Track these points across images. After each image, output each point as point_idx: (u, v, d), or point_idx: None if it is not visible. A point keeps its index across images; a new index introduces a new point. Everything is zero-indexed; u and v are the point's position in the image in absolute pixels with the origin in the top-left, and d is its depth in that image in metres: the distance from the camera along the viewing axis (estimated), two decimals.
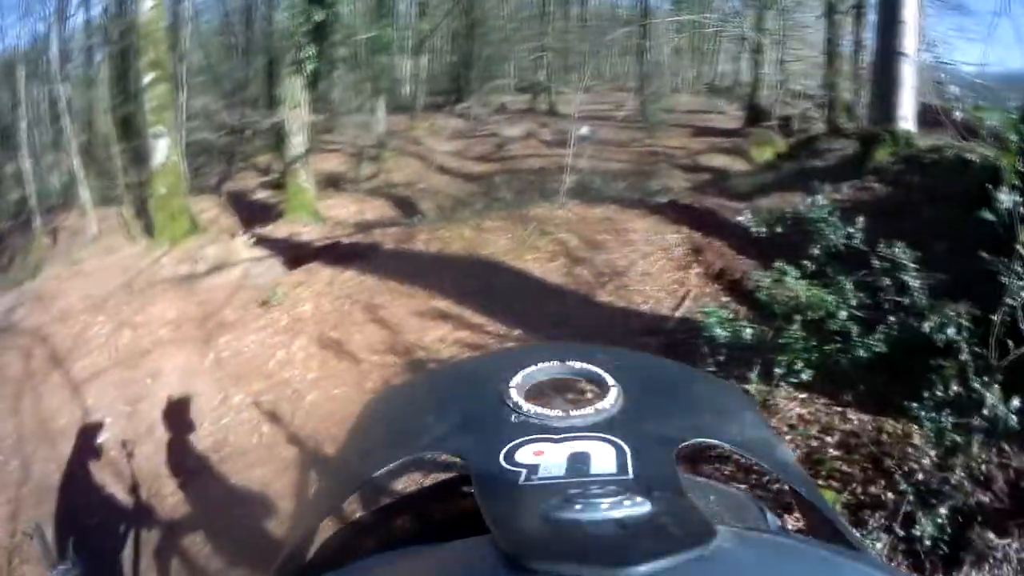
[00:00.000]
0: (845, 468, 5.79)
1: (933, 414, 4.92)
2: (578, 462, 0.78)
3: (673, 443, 0.85)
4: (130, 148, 19.15)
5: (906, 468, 5.47)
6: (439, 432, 0.92)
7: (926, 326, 5.36)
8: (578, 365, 1.02)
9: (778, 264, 6.35)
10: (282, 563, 0.95)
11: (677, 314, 10.73)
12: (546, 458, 0.79)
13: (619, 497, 0.67)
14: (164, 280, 12.29)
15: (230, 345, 10.11)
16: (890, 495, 5.24)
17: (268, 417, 8.92)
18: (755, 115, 27.28)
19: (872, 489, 5.42)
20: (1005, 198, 4.88)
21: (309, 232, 15.39)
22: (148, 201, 14.63)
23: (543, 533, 0.64)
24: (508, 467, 0.78)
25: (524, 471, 0.77)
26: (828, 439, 6.16)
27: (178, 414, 8.93)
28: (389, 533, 1.02)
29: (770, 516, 1.09)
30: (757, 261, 10.60)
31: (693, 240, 13.22)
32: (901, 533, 4.90)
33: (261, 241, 13.92)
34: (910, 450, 5.69)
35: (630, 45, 39.80)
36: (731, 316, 6.63)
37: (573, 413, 0.88)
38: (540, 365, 1.01)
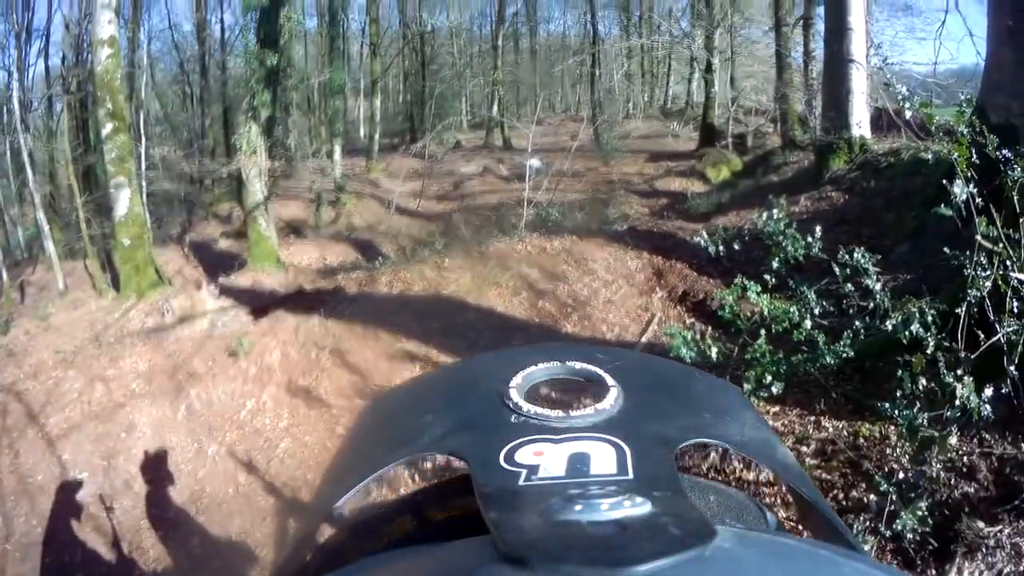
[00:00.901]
0: (825, 476, 5.87)
1: (906, 411, 4.96)
2: (578, 462, 0.78)
3: (673, 443, 0.85)
4: (93, 200, 18.98)
5: (886, 469, 5.56)
6: (439, 432, 0.92)
7: (889, 324, 5.43)
8: (578, 365, 1.02)
9: (738, 281, 6.35)
10: (282, 563, 0.96)
11: (643, 339, 10.81)
12: (546, 458, 0.79)
13: (619, 497, 0.67)
14: (132, 333, 12.23)
15: (201, 396, 10.10)
16: (872, 497, 5.32)
17: (243, 467, 8.93)
18: (709, 135, 27.42)
19: (854, 493, 5.51)
20: (960, 191, 4.94)
21: (272, 280, 15.37)
22: (113, 253, 14.55)
23: (543, 533, 0.64)
24: (508, 467, 0.78)
25: (524, 471, 0.77)
26: (804, 448, 6.24)
27: (154, 467, 8.94)
28: (389, 533, 0.98)
29: (770, 516, 1.08)
30: (719, 280, 10.98)
31: (654, 264, 13.43)
32: (887, 533, 4.97)
33: (226, 291, 13.87)
34: (888, 451, 5.82)
35: (581, 74, 40.15)
36: (697, 336, 6.67)
37: (573, 413, 0.88)
38: (540, 365, 1.02)
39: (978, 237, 4.99)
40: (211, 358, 10.91)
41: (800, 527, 1.20)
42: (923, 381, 4.95)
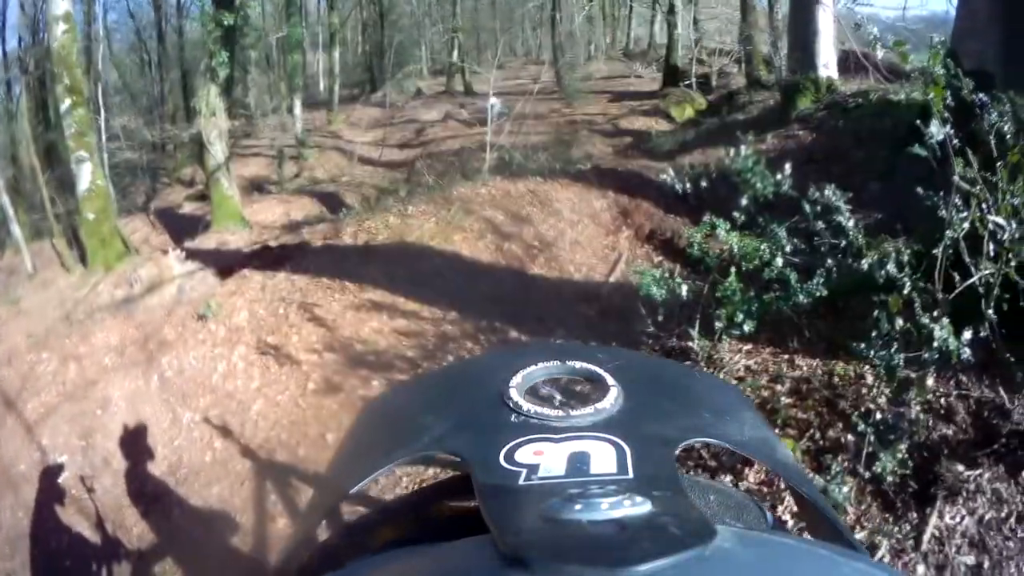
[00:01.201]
0: (800, 415, 5.86)
1: (883, 352, 4.95)
2: (578, 462, 0.78)
3: (673, 443, 0.86)
4: (56, 177, 18.88)
5: (863, 408, 5.53)
6: (439, 432, 0.91)
7: (865, 264, 5.37)
8: (578, 365, 1.01)
9: (707, 218, 6.37)
10: (282, 563, 0.98)
11: (611, 279, 10.92)
12: (546, 458, 0.79)
13: (619, 497, 0.67)
14: (102, 307, 12.10)
15: (172, 364, 10.05)
16: (850, 437, 5.32)
17: (218, 432, 8.91)
18: (672, 76, 27.32)
19: (831, 433, 5.50)
20: (936, 132, 4.84)
21: (237, 239, 15.35)
22: (79, 229, 14.43)
23: (543, 533, 0.64)
24: (508, 467, 0.79)
25: (524, 471, 0.77)
26: (779, 387, 6.19)
27: (132, 442, 8.89)
28: (389, 533, 0.99)
29: (769, 516, 1.07)
30: (687, 218, 10.96)
31: (620, 204, 13.56)
32: (866, 475, 4.98)
33: (192, 255, 13.70)
34: (864, 391, 5.80)
35: (542, 18, 39.76)
36: (666, 275, 6.55)
37: (573, 413, 0.88)
38: (540, 365, 1.01)
39: (956, 178, 4.96)
40: (180, 324, 10.84)
41: (800, 527, 1.20)
42: (900, 322, 4.94)
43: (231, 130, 17.18)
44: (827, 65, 16.88)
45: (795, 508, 3.43)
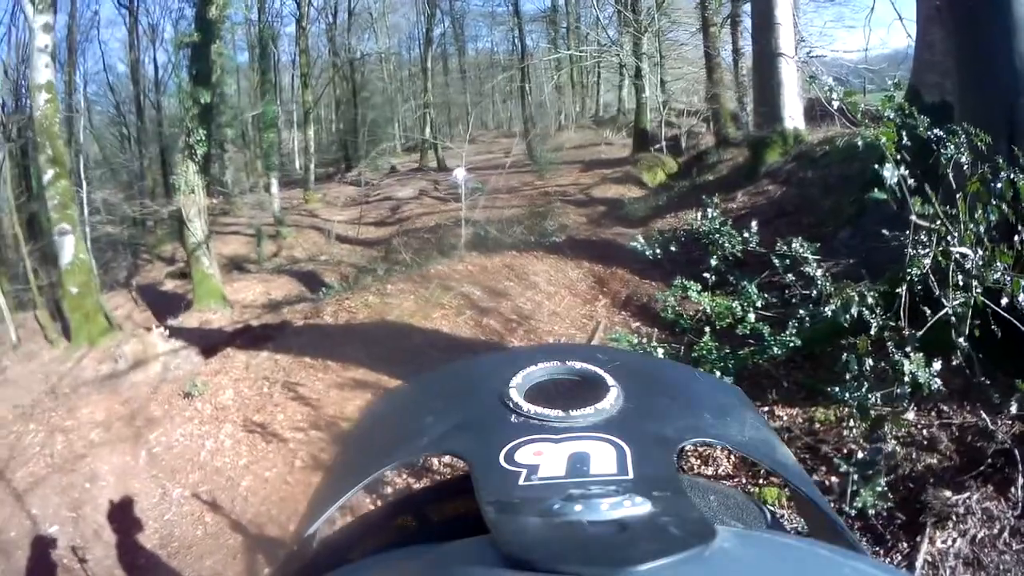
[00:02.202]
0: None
1: (856, 393, 5.01)
2: (578, 462, 0.77)
3: (673, 443, 0.85)
4: (38, 248, 18.67)
5: (844, 450, 5.66)
6: (439, 432, 0.91)
7: (828, 310, 5.49)
8: (578, 365, 1.00)
9: (678, 281, 6.50)
10: (282, 564, 0.96)
11: None
12: (546, 458, 0.79)
13: (619, 497, 0.68)
14: (87, 382, 12.08)
15: (160, 440, 10.06)
16: (834, 479, 5.42)
17: (208, 508, 8.90)
18: (642, 140, 27.69)
19: (815, 477, 5.57)
20: (890, 174, 5.01)
21: (219, 318, 15.34)
22: (62, 302, 14.39)
23: (543, 533, 0.64)
24: (508, 467, 0.78)
25: (524, 471, 0.77)
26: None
27: (122, 515, 8.87)
28: (389, 533, 0.98)
29: (769, 515, 1.04)
30: (661, 282, 10.89)
31: (595, 272, 13.77)
32: (853, 512, 5.03)
33: (175, 333, 13.73)
34: (845, 432, 5.87)
35: (512, 89, 40.04)
36: (642, 339, 6.79)
37: (573, 413, 0.87)
38: (540, 365, 1.00)
39: (913, 217, 5.11)
40: (167, 401, 10.84)
41: (800, 526, 1.23)
42: (870, 361, 5.03)
43: (209, 208, 17.23)
44: (793, 116, 17.18)
45: (795, 508, 3.53)
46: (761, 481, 6.08)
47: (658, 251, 6.72)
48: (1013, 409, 5.21)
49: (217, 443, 9.88)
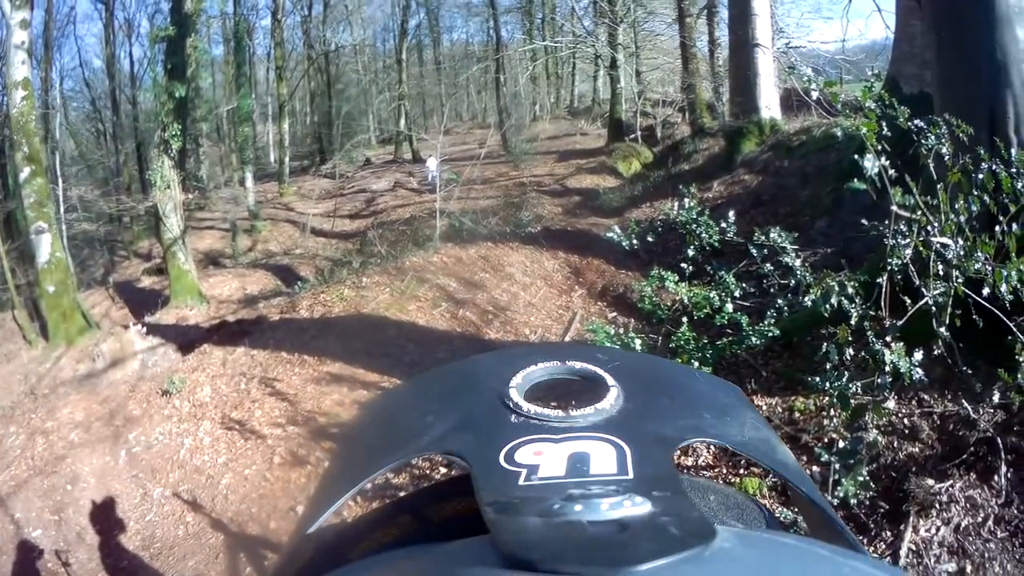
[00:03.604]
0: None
1: (836, 382, 5.01)
2: (578, 462, 0.78)
3: (673, 443, 0.86)
4: (15, 247, 18.26)
5: (825, 440, 5.68)
6: (439, 432, 0.91)
7: (808, 300, 5.48)
8: (578, 365, 1.01)
9: (655, 272, 6.43)
10: (282, 564, 0.96)
11: (566, 338, 10.85)
12: (546, 458, 0.79)
13: (619, 497, 0.68)
14: (66, 382, 12.05)
15: (139, 440, 10.01)
16: (815, 468, 5.40)
17: (189, 507, 8.86)
18: (618, 130, 27.65)
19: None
20: (871, 165, 4.99)
21: (196, 314, 15.36)
22: (39, 301, 14.29)
23: (543, 533, 0.64)
24: (508, 467, 0.78)
25: (524, 471, 0.77)
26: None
27: (104, 517, 8.82)
28: (389, 533, 1.00)
29: (769, 515, 1.08)
30: (638, 272, 10.96)
31: (571, 263, 13.79)
32: (835, 502, 5.00)
33: (153, 330, 13.70)
34: (825, 422, 5.93)
35: (486, 80, 39.98)
36: (619, 330, 6.62)
37: (573, 413, 0.87)
38: (540, 365, 1.01)
39: (894, 207, 5.13)
40: (145, 399, 10.81)
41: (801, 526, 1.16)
42: (850, 351, 5.07)
43: (185, 203, 17.18)
44: (769, 106, 17.24)
45: (795, 508, 3.49)
46: (742, 471, 6.13)
47: (634, 241, 6.69)
48: (995, 398, 5.25)
49: (196, 441, 9.86)
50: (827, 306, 5.19)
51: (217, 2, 27.42)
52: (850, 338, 5.07)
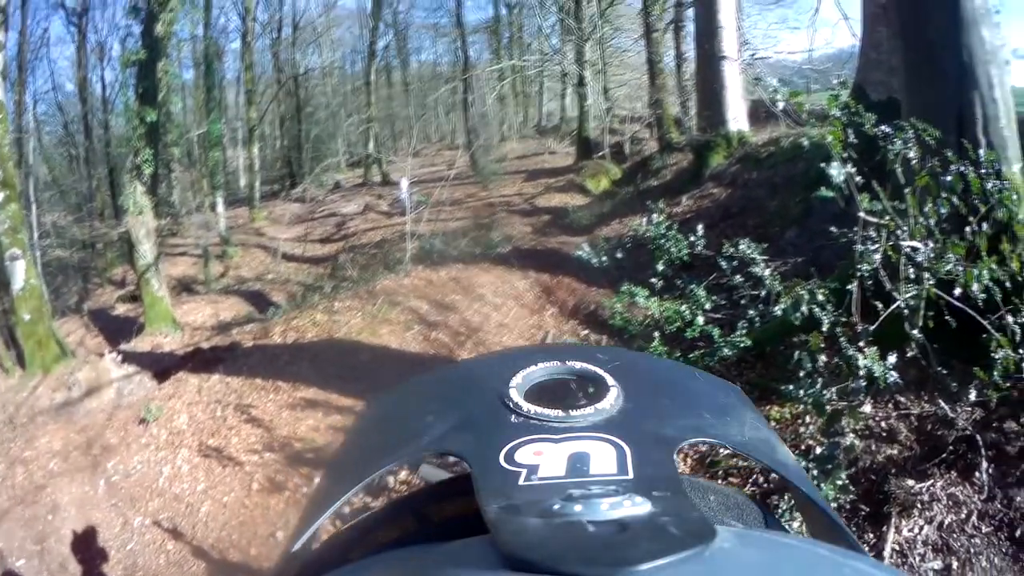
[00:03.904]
0: (741, 463, 6.06)
1: (811, 390, 5.04)
2: (578, 462, 0.78)
3: (673, 443, 0.86)
4: None
5: (803, 447, 5.71)
6: (439, 432, 0.91)
7: (778, 309, 5.55)
8: (578, 365, 1.01)
9: (625, 288, 6.50)
10: (282, 564, 0.93)
11: None
12: (546, 458, 0.79)
13: (619, 497, 0.68)
14: (44, 411, 11.88)
15: (118, 468, 10.01)
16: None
17: (170, 535, 8.84)
18: (586, 148, 27.65)
19: (773, 475, 5.39)
20: (836, 172, 5.06)
21: (171, 342, 15.30)
22: (15, 329, 13.96)
23: (543, 533, 0.64)
24: (508, 467, 0.78)
25: (524, 471, 0.77)
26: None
27: (85, 546, 8.75)
28: (389, 533, 0.99)
29: (769, 516, 1.07)
30: (609, 289, 10.90)
31: (542, 282, 13.79)
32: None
33: (128, 358, 13.67)
34: (802, 429, 5.98)
35: (455, 101, 40.16)
36: (591, 347, 6.32)
37: (573, 413, 0.87)
38: (540, 365, 1.01)
39: (861, 214, 5.18)
40: (122, 428, 10.82)
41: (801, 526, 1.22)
42: (823, 358, 5.11)
43: (158, 229, 17.10)
44: (736, 118, 17.29)
45: (796, 508, 3.47)
46: (719, 482, 5.91)
47: (604, 258, 6.81)
48: (971, 396, 5.32)
49: (174, 469, 9.87)
50: (797, 314, 5.30)
51: (187, 25, 27.29)
52: (822, 345, 5.15)
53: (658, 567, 0.57)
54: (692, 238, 6.19)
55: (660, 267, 6.24)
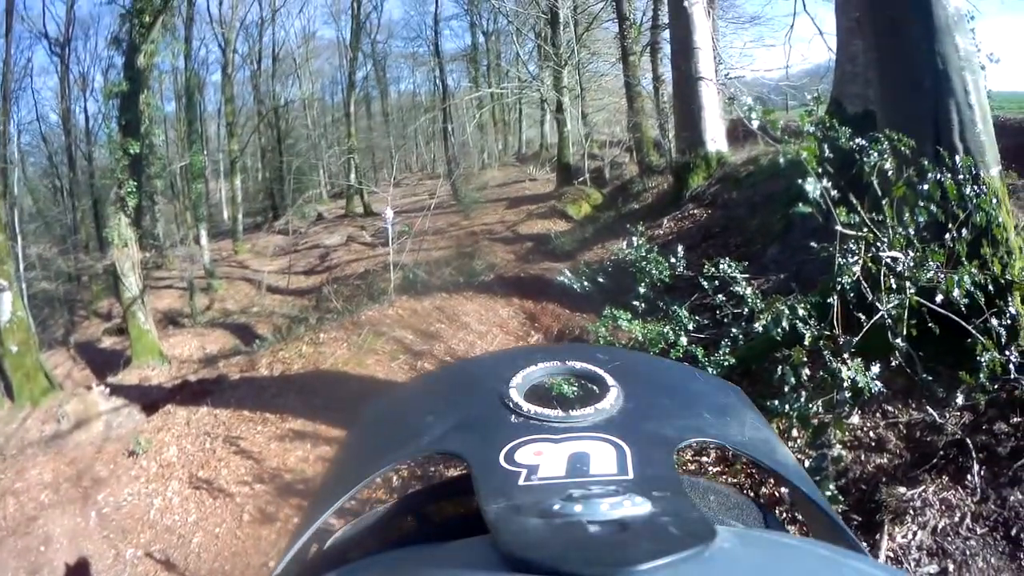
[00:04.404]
0: (731, 480, 5.99)
1: (796, 404, 5.02)
2: (578, 462, 0.78)
3: (673, 443, 0.86)
4: None
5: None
6: (439, 432, 0.91)
7: (759, 326, 5.56)
8: (578, 365, 1.02)
9: (607, 312, 6.52)
10: (284, 563, 0.91)
11: None
12: (546, 458, 0.79)
13: (619, 497, 0.67)
14: (33, 443, 11.95)
15: (108, 500, 9.96)
16: (783, 490, 5.37)
17: (163, 566, 8.81)
18: (566, 174, 27.72)
19: (764, 490, 5.66)
20: (812, 188, 5.03)
21: (158, 375, 15.26)
22: (3, 362, 13.92)
23: (543, 533, 0.64)
24: (508, 467, 0.78)
25: (524, 471, 0.77)
26: (705, 459, 6.30)
27: None
28: (389, 533, 1.00)
29: (769, 516, 1.09)
30: (593, 314, 10.58)
31: (526, 309, 13.82)
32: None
33: (116, 391, 13.65)
34: (789, 443, 5.80)
35: (434, 131, 40.30)
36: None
37: (573, 413, 0.88)
38: (540, 365, 1.02)
39: (838, 227, 5.17)
40: (112, 460, 10.80)
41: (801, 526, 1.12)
42: (807, 371, 5.07)
43: (143, 261, 17.15)
44: (715, 139, 17.32)
45: (795, 508, 3.58)
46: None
47: (586, 283, 6.89)
48: (959, 400, 5.32)
49: (165, 501, 9.84)
50: (779, 330, 5.32)
51: (168, 57, 27.39)
52: (805, 359, 5.14)
53: (658, 567, 0.58)
54: (672, 260, 6.27)
55: (642, 290, 6.31)
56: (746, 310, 5.91)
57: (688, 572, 0.58)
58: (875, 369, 4.97)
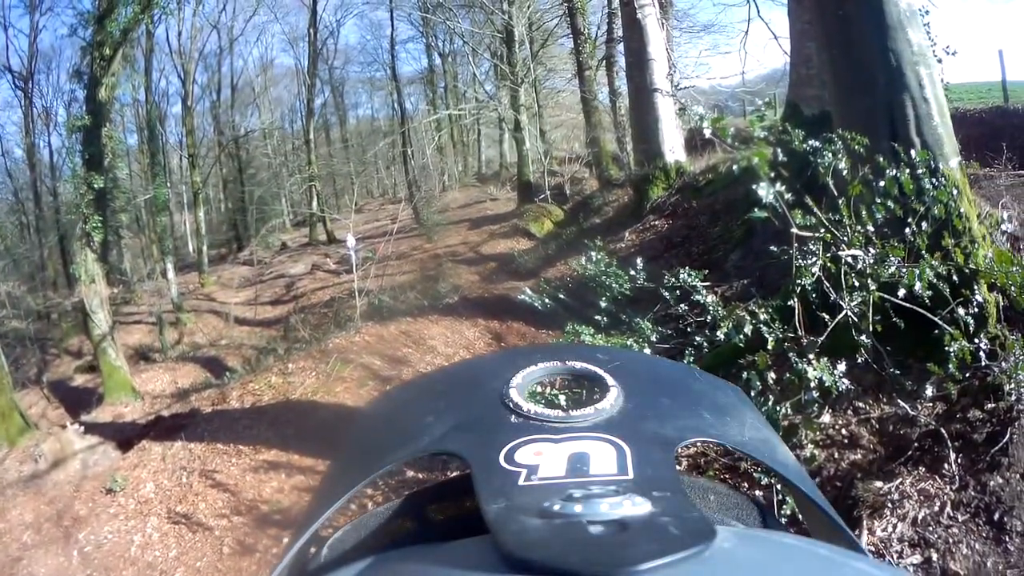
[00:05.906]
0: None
1: (764, 407, 5.07)
2: (578, 462, 0.78)
3: (673, 443, 0.86)
4: None
5: (763, 465, 5.95)
6: (439, 432, 0.91)
7: (721, 333, 5.53)
8: (578, 365, 1.02)
9: (569, 328, 6.52)
10: (284, 563, 0.90)
11: None
12: (546, 458, 0.79)
13: (619, 497, 0.67)
14: (12, 483, 11.82)
15: (90, 539, 9.93)
16: (758, 492, 5.44)
17: None
18: (527, 192, 27.77)
19: (763, 490, 5.52)
20: (765, 193, 5.03)
21: (132, 411, 15.25)
22: None
23: (543, 533, 0.64)
24: (508, 467, 0.78)
25: (524, 471, 0.77)
26: (678, 467, 6.26)
27: None
28: (389, 533, 1.00)
29: (769, 516, 1.08)
30: (558, 330, 10.54)
31: (492, 329, 13.97)
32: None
33: (90, 428, 13.58)
34: None
35: (394, 155, 40.50)
36: (545, 389, 6.27)
37: (573, 413, 0.88)
38: (540, 365, 1.02)
39: (794, 230, 5.20)
40: (90, 499, 10.80)
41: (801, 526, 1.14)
42: (772, 375, 5.12)
43: (111, 297, 17.10)
44: (673, 150, 17.49)
45: (796, 508, 3.52)
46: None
47: (547, 301, 6.97)
48: (929, 392, 5.38)
49: (145, 537, 9.84)
50: (742, 336, 5.35)
51: (129, 89, 27.47)
52: (771, 363, 5.21)
53: (658, 567, 0.58)
54: (632, 272, 6.34)
55: (603, 304, 6.39)
56: (709, 318, 5.92)
57: (688, 572, 0.60)
58: (841, 367, 5.12)
